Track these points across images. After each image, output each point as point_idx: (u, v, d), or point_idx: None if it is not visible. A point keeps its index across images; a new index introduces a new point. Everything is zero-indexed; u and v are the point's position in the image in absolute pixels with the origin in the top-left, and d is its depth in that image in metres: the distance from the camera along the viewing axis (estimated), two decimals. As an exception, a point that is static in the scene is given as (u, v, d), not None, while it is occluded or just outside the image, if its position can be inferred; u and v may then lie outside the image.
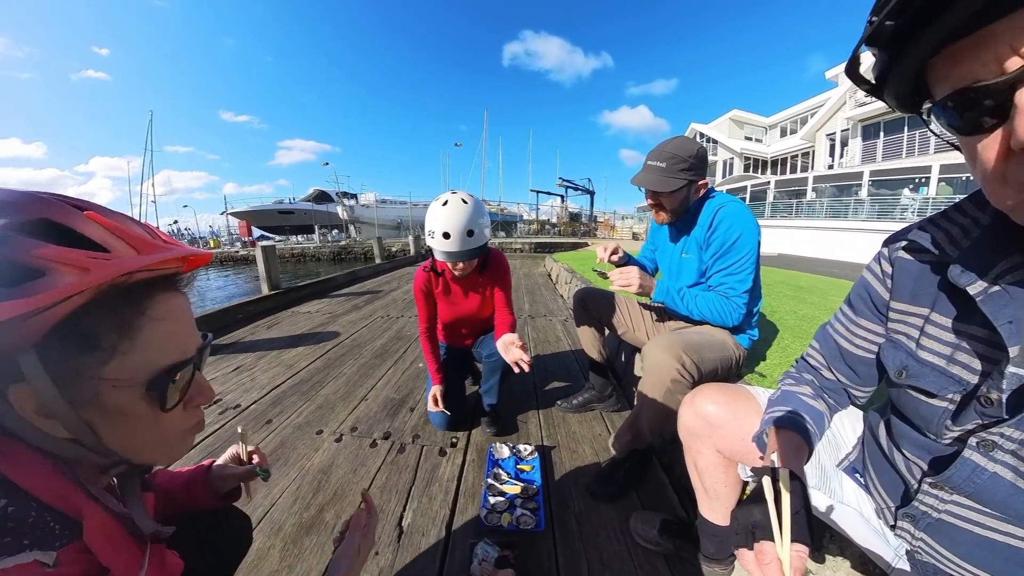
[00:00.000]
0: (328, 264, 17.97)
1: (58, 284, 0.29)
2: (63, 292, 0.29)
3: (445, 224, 1.24)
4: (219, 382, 2.15)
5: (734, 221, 1.17)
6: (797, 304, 2.51)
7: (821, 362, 0.68)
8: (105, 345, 0.32)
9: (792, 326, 1.94)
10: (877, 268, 0.59)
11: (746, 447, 0.70)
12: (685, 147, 1.19)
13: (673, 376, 1.07)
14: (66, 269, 0.29)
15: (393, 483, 1.29)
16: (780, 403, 0.65)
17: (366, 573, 0.96)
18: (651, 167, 1.21)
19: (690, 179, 1.19)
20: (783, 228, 12.91)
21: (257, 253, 4.42)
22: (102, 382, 0.33)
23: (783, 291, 3.04)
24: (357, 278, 6.10)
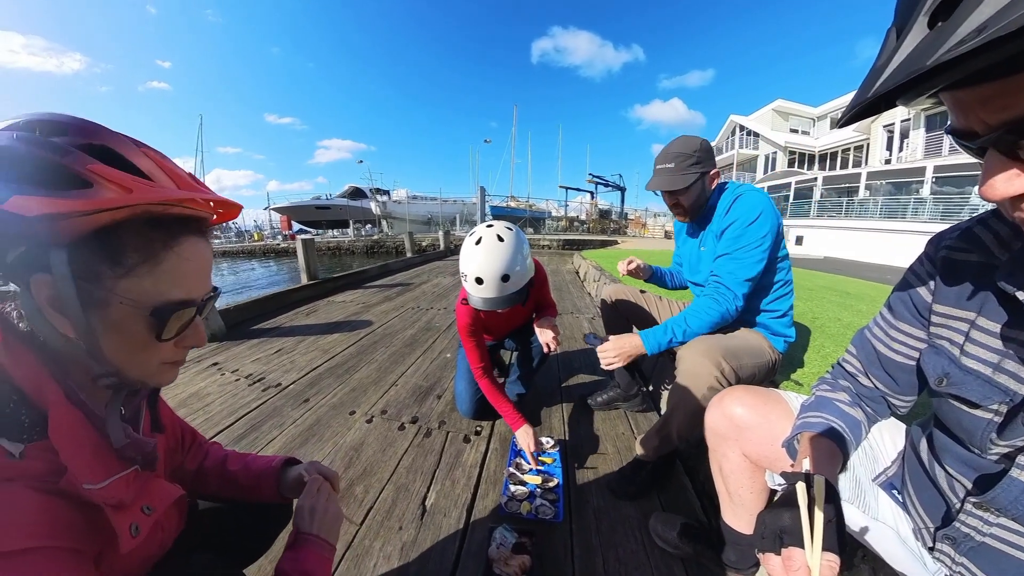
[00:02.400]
0: (362, 257, 18.67)
1: (101, 196, 0.33)
2: (104, 203, 0.33)
3: (478, 268, 1.08)
4: (262, 362, 2.32)
5: (751, 205, 1.15)
6: (842, 311, 2.37)
7: (858, 368, 0.64)
8: (127, 263, 0.35)
9: (835, 334, 1.83)
10: (920, 269, 0.56)
11: (775, 453, 0.68)
12: (688, 144, 1.20)
13: (710, 383, 1.04)
14: (111, 186, 0.33)
15: (419, 465, 1.35)
16: (814, 409, 0.63)
17: (390, 546, 1.02)
18: (661, 170, 1.23)
19: (701, 172, 1.19)
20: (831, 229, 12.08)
21: (297, 246, 4.69)
22: (113, 295, 0.35)
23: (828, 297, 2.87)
24: (389, 271, 6.32)
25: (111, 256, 0.35)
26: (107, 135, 0.36)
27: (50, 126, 0.34)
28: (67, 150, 0.33)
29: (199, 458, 0.67)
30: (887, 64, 0.30)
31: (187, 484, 0.64)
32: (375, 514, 1.12)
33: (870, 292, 3.38)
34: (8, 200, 0.30)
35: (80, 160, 0.33)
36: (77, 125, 0.35)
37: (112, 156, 0.35)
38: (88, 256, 0.34)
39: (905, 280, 0.58)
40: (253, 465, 0.68)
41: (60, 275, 0.33)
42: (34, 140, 0.32)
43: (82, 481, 0.35)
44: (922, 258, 0.56)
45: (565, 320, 3.25)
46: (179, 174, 0.39)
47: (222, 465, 0.68)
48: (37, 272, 0.33)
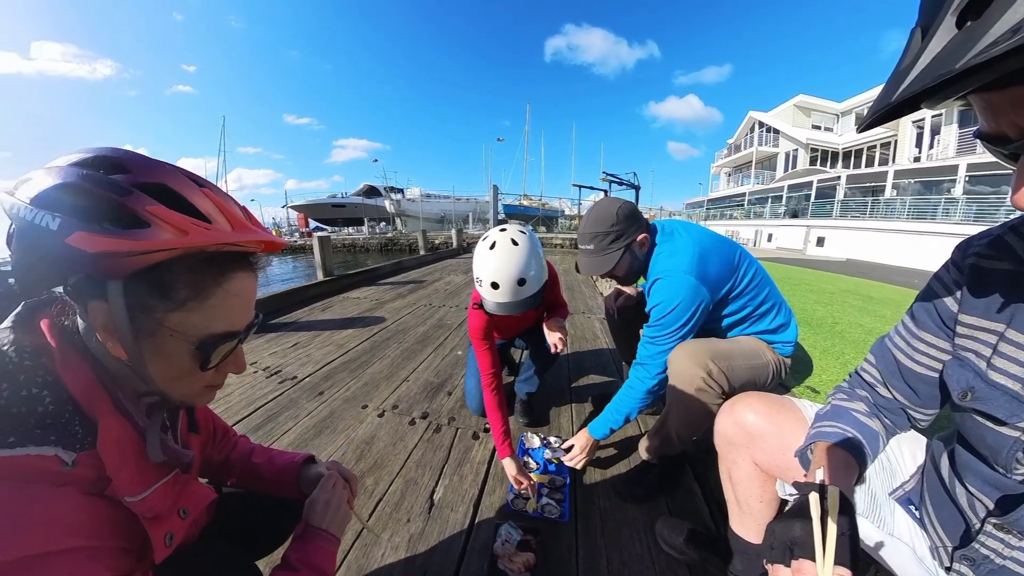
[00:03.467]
0: (376, 254, 18.95)
1: (157, 237, 0.35)
2: (159, 244, 0.35)
3: (493, 273, 1.06)
4: (279, 355, 2.38)
5: (669, 293, 1.09)
6: (864, 316, 2.28)
7: (876, 378, 0.62)
8: (177, 298, 0.37)
9: (856, 340, 1.77)
10: (946, 276, 0.53)
11: (786, 462, 0.67)
12: (602, 218, 1.13)
13: (698, 385, 1.03)
14: (168, 227, 0.35)
15: (428, 460, 1.37)
16: (829, 418, 0.61)
17: (398, 537, 1.04)
18: (584, 251, 1.19)
19: (624, 245, 1.13)
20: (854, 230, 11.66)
21: (314, 243, 4.79)
22: (162, 327, 0.38)
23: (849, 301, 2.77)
24: (402, 268, 6.40)
25: (162, 291, 0.37)
26: (168, 173, 0.38)
27: (113, 163, 0.36)
28: (128, 190, 0.35)
29: (226, 450, 0.71)
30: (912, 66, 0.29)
31: (211, 473, 0.67)
32: (384, 506, 1.15)
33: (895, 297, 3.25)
34: (72, 235, 0.32)
35: (140, 201, 0.35)
36: (139, 163, 0.37)
37: (171, 196, 0.37)
38: (141, 290, 0.36)
39: (930, 288, 0.56)
40: (276, 460, 0.71)
41: (115, 305, 0.36)
42: (98, 179, 0.34)
43: (124, 494, 0.38)
44: (948, 265, 0.54)
45: (576, 320, 3.23)
46: (234, 212, 0.40)
47: (247, 458, 0.71)
48: (95, 299, 0.36)
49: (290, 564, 0.52)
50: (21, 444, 0.32)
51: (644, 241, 1.16)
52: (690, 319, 1.09)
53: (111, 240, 0.33)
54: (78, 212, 0.33)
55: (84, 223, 0.33)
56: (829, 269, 6.34)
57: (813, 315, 2.25)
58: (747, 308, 1.16)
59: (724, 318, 1.18)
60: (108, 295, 0.35)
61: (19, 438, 0.33)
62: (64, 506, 0.33)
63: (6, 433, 0.32)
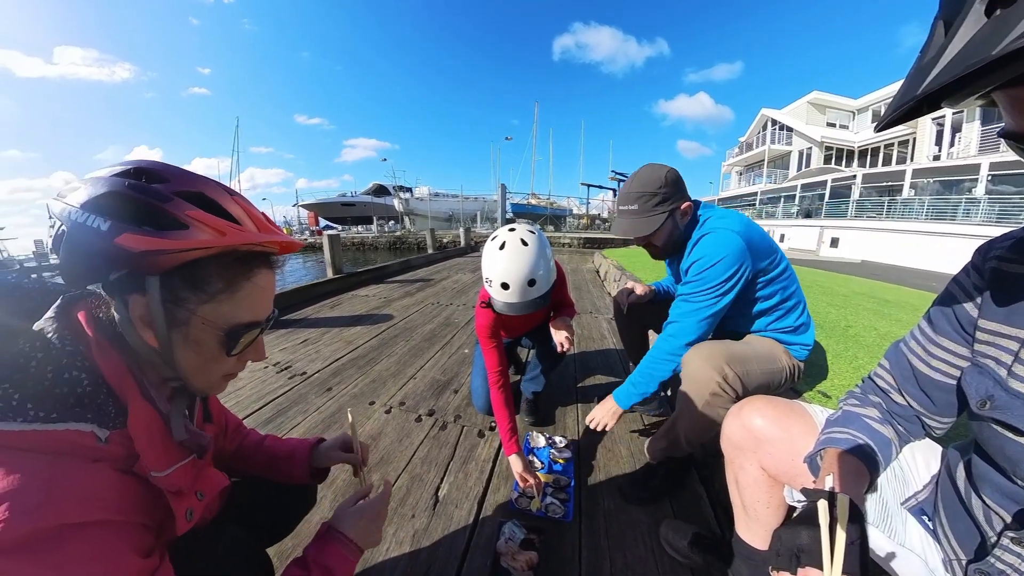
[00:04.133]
0: (385, 253, 19.10)
1: (196, 237, 0.39)
2: (198, 243, 0.39)
3: (503, 274, 1.06)
4: (289, 351, 2.42)
5: (715, 246, 1.06)
6: (879, 320, 2.23)
7: (891, 384, 0.61)
8: (210, 290, 0.42)
9: (870, 344, 1.73)
10: (966, 280, 0.52)
11: (795, 468, 0.66)
12: (650, 179, 1.09)
13: (713, 389, 1.01)
14: (206, 229, 0.40)
15: (433, 456, 1.38)
16: (840, 424, 0.60)
17: (403, 532, 1.05)
18: (624, 212, 1.14)
19: (669, 209, 1.09)
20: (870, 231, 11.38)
21: (324, 241, 4.85)
22: (195, 316, 0.42)
23: (864, 304, 2.71)
24: (411, 266, 6.44)
25: (197, 284, 0.41)
26: (203, 183, 0.43)
27: (154, 174, 0.40)
28: (168, 196, 0.39)
29: (237, 440, 0.75)
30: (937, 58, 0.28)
31: (223, 464, 0.69)
32: (390, 500, 1.16)
33: (912, 300, 3.17)
34: (121, 235, 0.37)
35: (179, 206, 0.39)
36: (176, 174, 0.42)
37: (207, 202, 0.41)
38: (178, 284, 0.40)
39: (948, 291, 0.54)
40: (288, 442, 0.77)
41: (152, 298, 0.39)
42: (141, 187, 0.39)
43: (150, 469, 0.41)
44: (968, 268, 0.52)
45: (584, 320, 3.22)
46: (259, 217, 0.46)
47: (259, 444, 0.76)
48: (134, 292, 0.40)
49: (305, 562, 0.54)
50: (63, 420, 0.36)
51: (687, 210, 1.13)
52: (731, 278, 1.04)
53: (154, 240, 0.37)
54: (125, 216, 0.37)
55: (131, 225, 0.37)
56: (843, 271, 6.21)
57: (826, 318, 2.20)
58: (776, 297, 1.13)
59: (756, 302, 1.14)
60: (147, 289, 0.39)
61: (60, 414, 0.36)
62: (97, 480, 0.37)
63: (50, 409, 0.35)
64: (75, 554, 0.32)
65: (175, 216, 0.39)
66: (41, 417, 0.34)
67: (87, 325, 0.41)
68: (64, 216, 0.38)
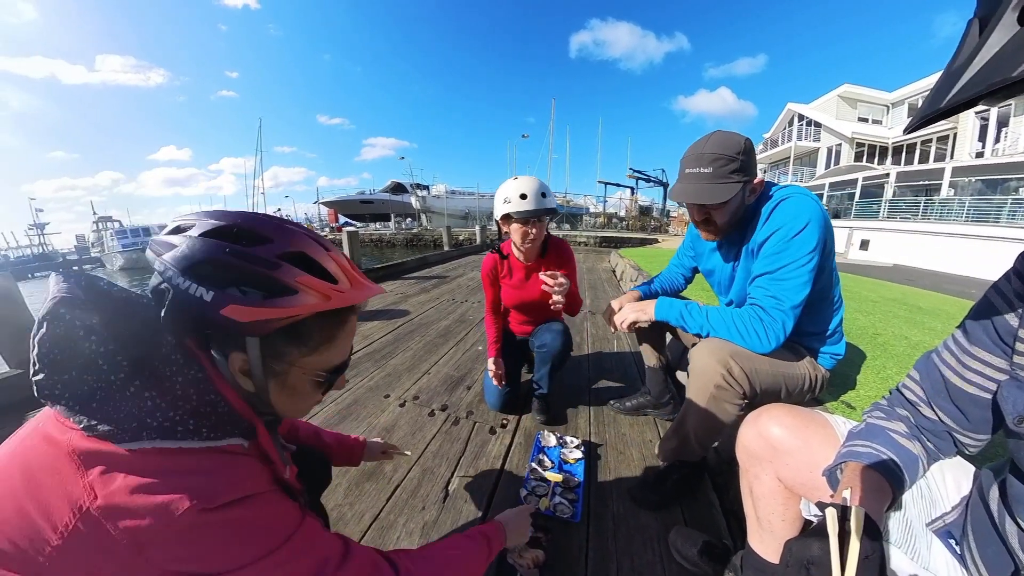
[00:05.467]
0: (401, 249, 19.40)
1: (304, 303, 0.42)
2: (306, 309, 0.42)
3: (520, 188, 1.36)
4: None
5: (796, 212, 0.94)
6: (910, 328, 2.10)
7: (920, 396, 0.58)
8: (312, 344, 0.46)
9: (899, 354, 1.63)
10: (1007, 288, 0.49)
11: (813, 480, 0.64)
12: (729, 143, 0.96)
13: (717, 382, 0.97)
14: (313, 293, 0.42)
15: (445, 451, 1.40)
16: (864, 437, 0.58)
17: (412, 523, 1.08)
18: (693, 175, 0.99)
19: (744, 180, 0.97)
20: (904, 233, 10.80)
21: (343, 237, 4.97)
22: (294, 367, 0.46)
23: (894, 311, 2.57)
24: (427, 263, 6.52)
25: (300, 340, 0.45)
26: (302, 240, 0.44)
27: (253, 234, 0.42)
28: (276, 263, 0.41)
29: (286, 427, 0.85)
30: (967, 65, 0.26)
31: None
32: (401, 492, 1.19)
33: (947, 308, 2.97)
34: (227, 307, 0.38)
35: (289, 272, 0.41)
36: (276, 231, 0.43)
37: (309, 262, 0.43)
38: (279, 341, 0.44)
39: (987, 299, 0.51)
40: (342, 437, 0.93)
41: (252, 355, 0.43)
42: (243, 254, 0.40)
43: (280, 472, 0.48)
44: (1010, 275, 0.49)
45: (599, 320, 3.19)
46: (349, 269, 0.48)
47: (317, 435, 0.88)
48: (235, 351, 0.43)
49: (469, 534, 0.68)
50: (223, 437, 0.42)
51: (758, 187, 1.02)
52: (817, 247, 0.93)
53: (264, 310, 0.40)
54: (230, 286, 0.39)
55: (236, 295, 0.39)
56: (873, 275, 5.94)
57: (853, 324, 2.11)
58: (818, 295, 1.03)
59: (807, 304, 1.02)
60: (248, 349, 0.42)
61: (221, 433, 0.42)
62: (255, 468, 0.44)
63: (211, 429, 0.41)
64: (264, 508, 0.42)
65: (285, 283, 0.41)
66: (210, 436, 0.41)
67: (200, 355, 0.44)
68: (166, 275, 0.39)
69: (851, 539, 0.39)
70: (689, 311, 1.11)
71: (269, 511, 0.43)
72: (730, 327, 1.02)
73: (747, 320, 1.00)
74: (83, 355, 0.37)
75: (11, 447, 0.39)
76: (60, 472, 0.36)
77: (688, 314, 1.11)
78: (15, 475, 0.37)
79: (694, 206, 1.05)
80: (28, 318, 1.95)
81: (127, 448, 0.36)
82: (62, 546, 0.34)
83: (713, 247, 1.25)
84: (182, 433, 0.39)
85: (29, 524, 0.35)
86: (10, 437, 0.41)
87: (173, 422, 0.39)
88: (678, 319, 1.12)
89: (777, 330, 0.97)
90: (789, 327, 0.97)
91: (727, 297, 1.25)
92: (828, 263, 1.03)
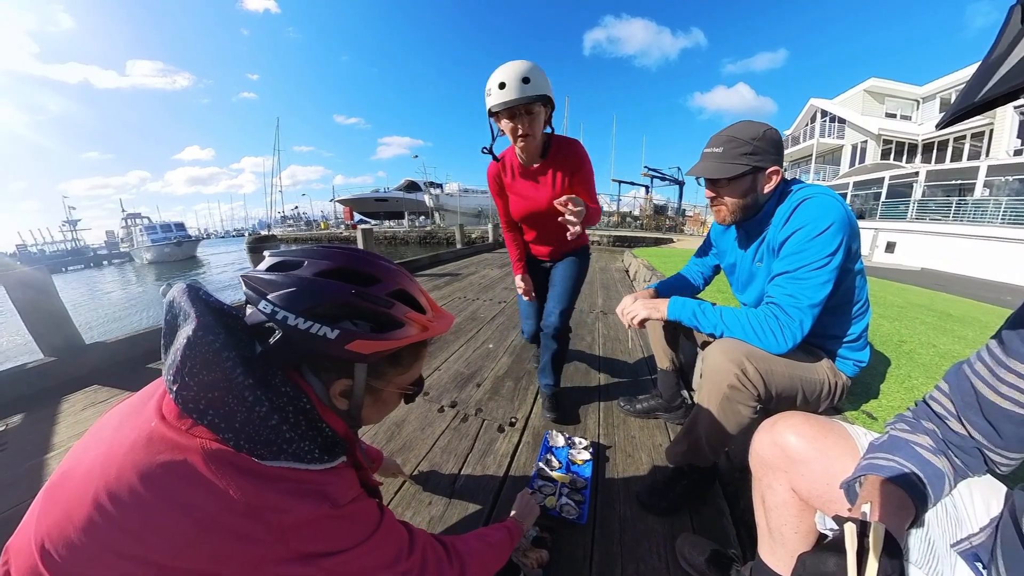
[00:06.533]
0: (415, 247, 19.62)
1: (409, 334, 0.50)
2: (410, 340, 0.50)
3: (498, 77, 1.18)
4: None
5: (819, 212, 0.93)
6: (939, 336, 2.00)
7: (949, 410, 0.55)
8: (405, 364, 0.54)
9: (927, 363, 1.56)
10: None
11: (829, 493, 0.61)
12: (747, 129, 1.00)
13: (730, 381, 0.95)
14: (416, 326, 0.51)
15: (453, 447, 1.41)
16: (886, 450, 0.55)
17: (419, 517, 1.10)
18: (707, 155, 1.04)
19: (754, 164, 0.98)
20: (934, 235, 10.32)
21: (358, 235, 5.05)
22: (390, 384, 0.54)
23: (922, 317, 2.46)
24: (439, 261, 6.57)
25: (397, 361, 0.53)
26: (402, 279, 0.52)
27: (364, 276, 0.49)
28: (390, 302, 0.49)
29: None
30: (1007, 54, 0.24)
31: None
32: (409, 486, 1.21)
33: (980, 315, 2.82)
34: (352, 342, 0.45)
35: (400, 310, 0.49)
36: (383, 271, 0.50)
37: (408, 298, 0.51)
38: (383, 366, 0.52)
39: None
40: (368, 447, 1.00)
41: (358, 380, 0.50)
42: (366, 295, 0.47)
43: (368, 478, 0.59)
44: None
45: (611, 320, 3.16)
46: (432, 301, 0.57)
47: None
48: (341, 377, 0.50)
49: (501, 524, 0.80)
50: (334, 458, 0.48)
51: (773, 176, 1.01)
52: (839, 248, 0.91)
53: (383, 343, 0.47)
54: (354, 323, 0.46)
55: (360, 331, 0.46)
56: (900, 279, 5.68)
57: (877, 331, 2.02)
58: (845, 297, 1.02)
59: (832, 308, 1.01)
60: (355, 374, 0.50)
61: (332, 456, 0.47)
62: (352, 477, 0.51)
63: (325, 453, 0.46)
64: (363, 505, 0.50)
65: (398, 319, 0.48)
66: (322, 459, 0.46)
67: (303, 385, 0.49)
68: (275, 318, 0.44)
69: (869, 556, 0.38)
70: (703, 310, 1.09)
71: (365, 507, 0.50)
72: (745, 327, 1.00)
73: (762, 319, 0.99)
74: (226, 378, 0.42)
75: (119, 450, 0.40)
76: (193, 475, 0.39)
77: (702, 313, 1.09)
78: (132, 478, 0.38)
79: (708, 183, 1.08)
80: (61, 308, 2.05)
81: (269, 464, 0.42)
82: (195, 536, 0.38)
83: (734, 243, 1.24)
84: (308, 459, 0.45)
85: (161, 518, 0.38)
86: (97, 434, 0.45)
87: (302, 450, 0.44)
88: (691, 318, 1.10)
89: (794, 329, 0.95)
90: (807, 326, 0.95)
91: (746, 295, 1.23)
92: (853, 266, 1.00)
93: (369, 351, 0.46)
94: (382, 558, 0.51)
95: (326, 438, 0.48)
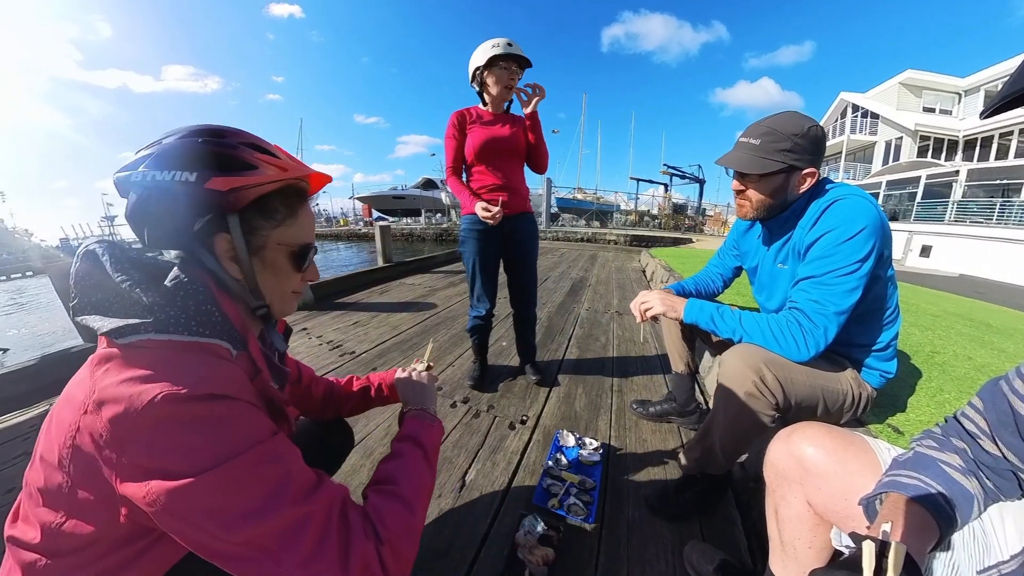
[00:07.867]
0: (431, 244, 19.81)
1: (267, 173, 0.49)
2: (269, 178, 0.49)
3: (499, 40, 1.51)
4: (341, 332, 2.62)
5: (851, 215, 0.88)
6: (976, 348, 1.88)
7: (982, 428, 0.52)
8: (278, 217, 0.52)
9: (961, 376, 1.48)
10: None
11: (847, 508, 0.59)
12: (789, 123, 0.92)
13: (747, 388, 0.92)
14: (271, 167, 0.50)
15: (464, 442, 1.43)
16: (910, 467, 0.53)
17: (429, 508, 1.10)
18: (742, 144, 0.97)
19: (791, 163, 0.92)
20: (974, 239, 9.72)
21: (376, 231, 5.14)
22: (269, 239, 0.52)
23: (957, 327, 2.32)
24: (455, 258, 6.61)
25: (267, 214, 0.51)
26: (250, 136, 0.52)
27: (216, 131, 0.49)
28: (236, 145, 0.49)
29: (323, 385, 0.87)
30: None
31: (315, 409, 0.86)
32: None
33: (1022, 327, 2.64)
34: (210, 180, 0.45)
35: (247, 152, 0.49)
36: (233, 130, 0.52)
37: (262, 148, 0.51)
38: (253, 215, 0.50)
39: None
40: (372, 377, 0.90)
41: (235, 232, 0.49)
42: (213, 141, 0.47)
43: (270, 382, 0.53)
44: None
45: (626, 321, 3.13)
46: (298, 160, 0.56)
47: (349, 384, 0.89)
48: (219, 232, 0.48)
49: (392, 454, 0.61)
50: (211, 336, 0.46)
51: (809, 178, 0.96)
52: (870, 254, 0.87)
53: (238, 179, 0.47)
54: (208, 165, 0.46)
55: (215, 171, 0.46)
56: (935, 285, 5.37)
57: (908, 340, 1.93)
58: (875, 304, 0.97)
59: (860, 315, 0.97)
60: (229, 227, 0.48)
61: (209, 332, 0.46)
62: (237, 372, 0.47)
63: (201, 326, 0.45)
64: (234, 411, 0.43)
65: (246, 160, 0.48)
66: (198, 332, 0.45)
67: (205, 276, 0.50)
68: (145, 182, 0.45)
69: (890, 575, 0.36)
70: (721, 314, 1.06)
71: (239, 416, 0.42)
72: (765, 332, 0.97)
73: (784, 325, 0.95)
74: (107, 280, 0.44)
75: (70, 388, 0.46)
76: (84, 382, 0.42)
77: (720, 317, 1.06)
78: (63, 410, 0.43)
79: (735, 176, 1.03)
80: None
81: (123, 343, 0.41)
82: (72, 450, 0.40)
83: (758, 242, 1.19)
84: (173, 327, 0.43)
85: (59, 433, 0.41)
86: None
87: (168, 316, 0.43)
88: (708, 322, 1.07)
89: (818, 336, 0.91)
90: (831, 334, 0.91)
91: (765, 297, 1.19)
92: (883, 272, 0.96)
93: (227, 187, 0.45)
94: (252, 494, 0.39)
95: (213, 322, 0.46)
